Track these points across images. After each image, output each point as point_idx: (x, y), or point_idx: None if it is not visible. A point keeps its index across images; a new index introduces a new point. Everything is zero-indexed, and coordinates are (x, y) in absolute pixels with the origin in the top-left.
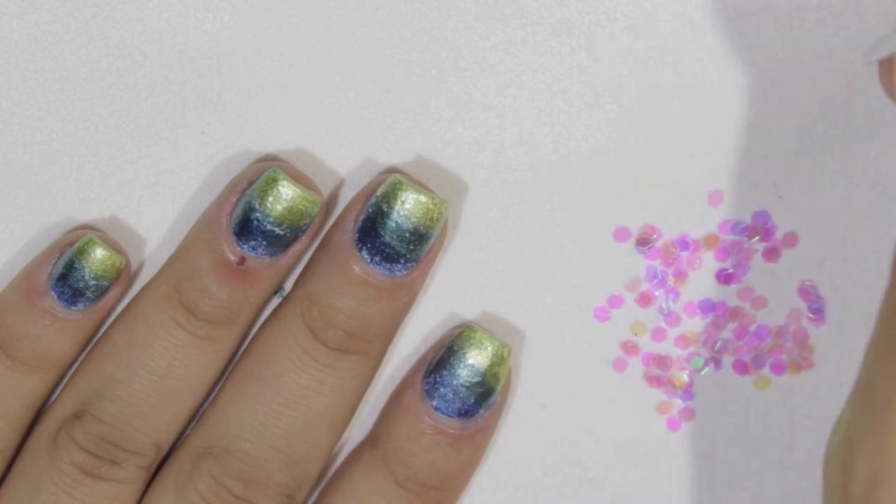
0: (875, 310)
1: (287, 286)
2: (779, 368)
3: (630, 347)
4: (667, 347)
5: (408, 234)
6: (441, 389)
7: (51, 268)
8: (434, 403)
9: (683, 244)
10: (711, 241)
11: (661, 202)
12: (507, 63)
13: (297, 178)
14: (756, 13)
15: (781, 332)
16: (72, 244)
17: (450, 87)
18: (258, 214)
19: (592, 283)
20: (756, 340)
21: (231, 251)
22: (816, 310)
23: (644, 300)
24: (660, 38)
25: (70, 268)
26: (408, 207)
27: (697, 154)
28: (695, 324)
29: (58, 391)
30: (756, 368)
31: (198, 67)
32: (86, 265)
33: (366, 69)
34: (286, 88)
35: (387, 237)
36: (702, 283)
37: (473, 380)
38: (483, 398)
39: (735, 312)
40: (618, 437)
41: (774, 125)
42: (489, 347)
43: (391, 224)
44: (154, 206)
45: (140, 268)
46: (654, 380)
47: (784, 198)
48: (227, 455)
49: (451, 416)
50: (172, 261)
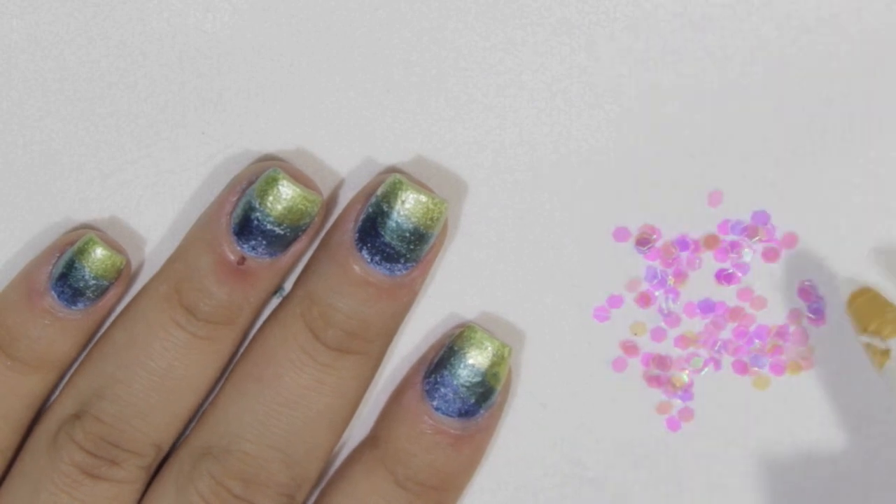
0: None
1: (287, 286)
2: (779, 368)
3: (630, 347)
4: (667, 347)
5: (408, 234)
6: (441, 389)
7: (51, 267)
8: (434, 403)
9: (683, 244)
10: (711, 241)
11: (661, 202)
12: (507, 63)
13: (297, 178)
14: (756, 13)
15: (781, 332)
16: (72, 244)
17: (450, 87)
18: (258, 214)
19: (592, 283)
20: (756, 340)
21: (231, 251)
22: (816, 310)
23: (644, 300)
24: (660, 38)
25: (70, 267)
26: (408, 207)
27: (697, 154)
28: (695, 324)
29: (58, 391)
30: (756, 368)
31: (198, 67)
32: (86, 265)
33: (366, 69)
34: (286, 88)
35: (387, 237)
36: (702, 283)
37: (474, 380)
38: (483, 398)
39: (735, 312)
40: (618, 437)
41: (774, 125)
42: (489, 347)
43: (391, 224)
44: (154, 206)
45: (140, 268)
46: (654, 380)
47: (784, 198)
48: (227, 455)
49: (452, 416)
50: (172, 261)
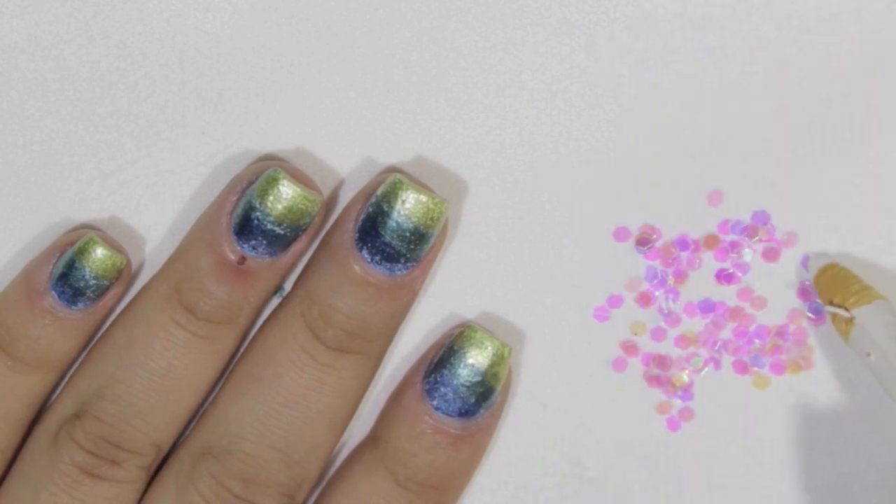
0: None
1: (287, 286)
2: (779, 368)
3: (630, 347)
4: (667, 347)
5: (408, 234)
6: (441, 389)
7: (51, 267)
8: (434, 403)
9: (683, 244)
10: (711, 241)
11: (661, 202)
12: (507, 63)
13: (298, 178)
14: (756, 13)
15: (781, 332)
16: (72, 244)
17: (450, 87)
18: (258, 214)
19: (592, 283)
20: (756, 340)
21: (231, 251)
22: (816, 310)
23: (644, 300)
24: (660, 38)
25: (71, 267)
26: (408, 207)
27: (697, 154)
28: (695, 324)
29: (58, 391)
30: (756, 368)
31: (198, 67)
32: (86, 264)
33: (366, 69)
34: (286, 88)
35: (387, 237)
36: (702, 283)
37: (474, 379)
38: (483, 398)
39: (735, 312)
40: (618, 437)
41: (774, 125)
42: (489, 347)
43: (392, 224)
44: (154, 206)
45: (140, 268)
46: (654, 380)
47: (784, 198)
48: (228, 455)
49: (452, 416)
50: (172, 260)
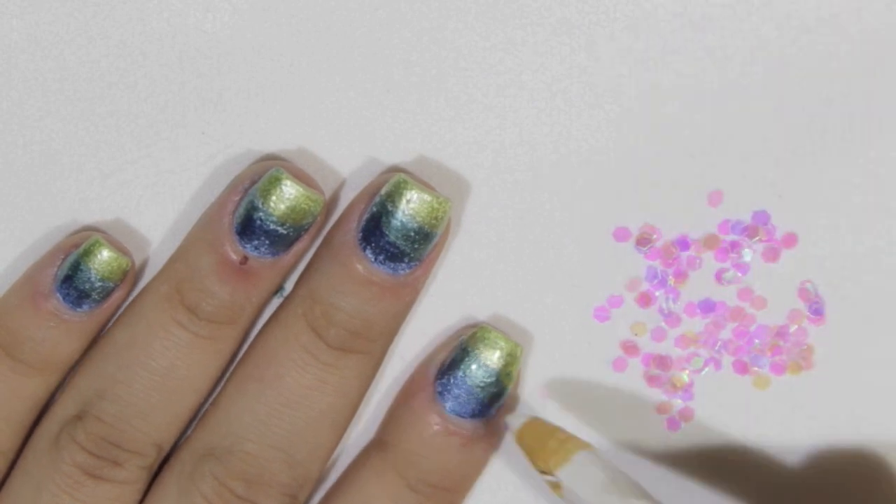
0: (875, 310)
1: (287, 286)
2: (779, 368)
3: (630, 347)
4: (667, 347)
5: (412, 233)
6: (454, 391)
7: (55, 269)
8: (448, 405)
9: (683, 244)
10: (711, 241)
11: (661, 202)
12: (507, 63)
13: (299, 177)
14: (756, 13)
15: (781, 332)
16: (77, 246)
17: (450, 87)
18: (261, 214)
19: (592, 283)
20: (756, 340)
21: (233, 251)
22: (816, 310)
23: (644, 300)
24: (660, 38)
25: (76, 269)
26: (413, 206)
27: (697, 154)
28: (695, 324)
29: (59, 392)
30: (756, 368)
31: (198, 67)
32: (92, 267)
33: (366, 69)
34: (286, 88)
35: (391, 236)
36: (702, 283)
37: (488, 380)
38: (496, 398)
39: (735, 312)
40: (618, 437)
41: (774, 125)
42: (503, 347)
43: (396, 223)
44: (154, 206)
45: (141, 268)
46: (654, 380)
47: (784, 198)
48: (230, 456)
49: (464, 417)
50: (173, 261)
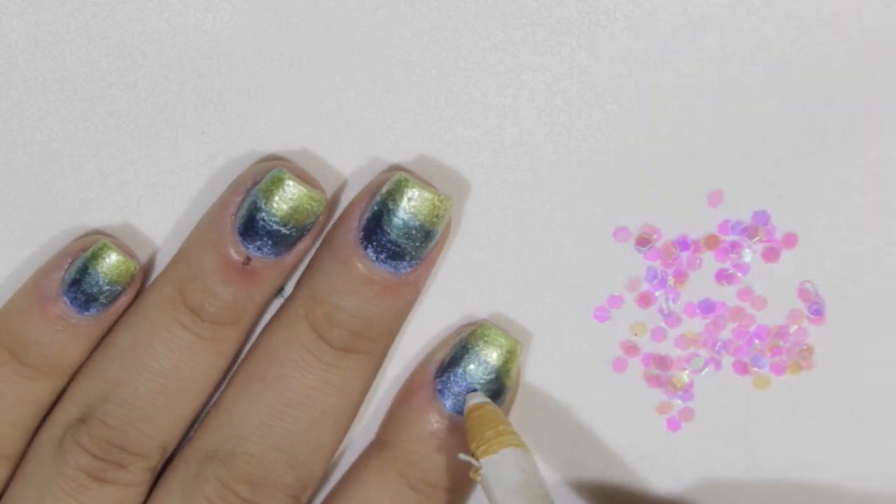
0: (875, 310)
1: (287, 287)
2: (779, 368)
3: (630, 347)
4: (667, 347)
5: (414, 231)
6: (454, 388)
7: (62, 273)
8: (448, 403)
9: (683, 244)
10: (711, 241)
11: (661, 202)
12: (507, 63)
13: (301, 177)
14: (756, 13)
15: (781, 332)
16: (84, 249)
17: (450, 87)
18: (264, 214)
19: (592, 283)
20: (756, 340)
21: (236, 251)
22: (816, 310)
23: (644, 300)
24: (660, 38)
25: (84, 273)
26: (414, 204)
27: (697, 154)
28: (695, 324)
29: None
30: (756, 368)
31: (198, 67)
32: (100, 270)
33: (366, 69)
34: (286, 88)
35: (393, 234)
36: (702, 283)
37: (488, 377)
38: (496, 395)
39: (735, 312)
40: (618, 437)
41: (774, 125)
42: (503, 344)
43: (397, 221)
44: (154, 207)
45: (142, 268)
46: (654, 380)
47: (784, 198)
48: (233, 458)
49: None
50: (175, 262)
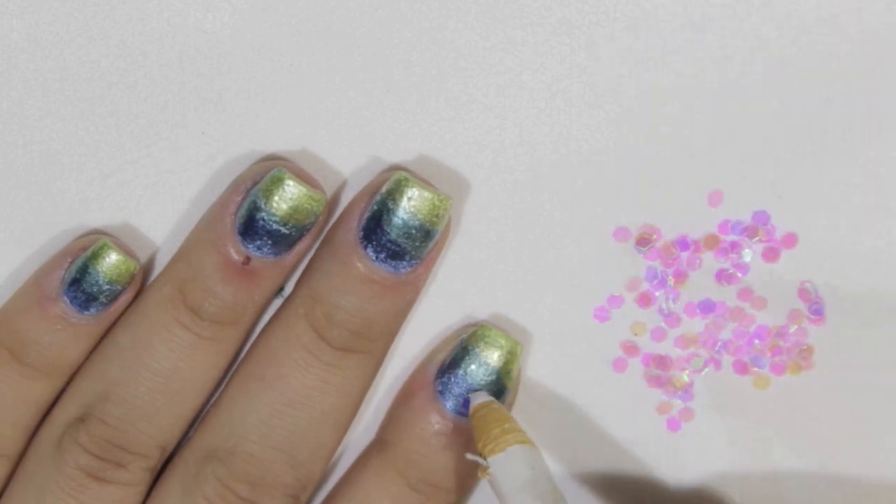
0: (875, 310)
1: (287, 287)
2: (779, 368)
3: (630, 347)
4: (667, 347)
5: (414, 231)
6: (455, 389)
7: (63, 273)
8: (448, 404)
9: (683, 244)
10: (711, 241)
11: (661, 202)
12: (507, 63)
13: (301, 177)
14: (756, 13)
15: (781, 332)
16: (84, 249)
17: (450, 87)
18: (263, 214)
19: (592, 283)
20: (756, 340)
21: (236, 251)
22: (816, 310)
23: (644, 300)
24: (660, 38)
25: (84, 272)
26: (414, 203)
27: (697, 154)
28: (695, 324)
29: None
30: (756, 368)
31: (198, 67)
32: (100, 270)
33: (366, 69)
34: (286, 88)
35: (392, 234)
36: (702, 283)
37: (488, 378)
38: (496, 397)
39: (735, 312)
40: (618, 437)
41: (774, 125)
42: (503, 345)
43: (397, 220)
44: (154, 207)
45: (142, 268)
46: (654, 380)
47: (784, 198)
48: (233, 457)
49: (465, 416)
50: (175, 261)
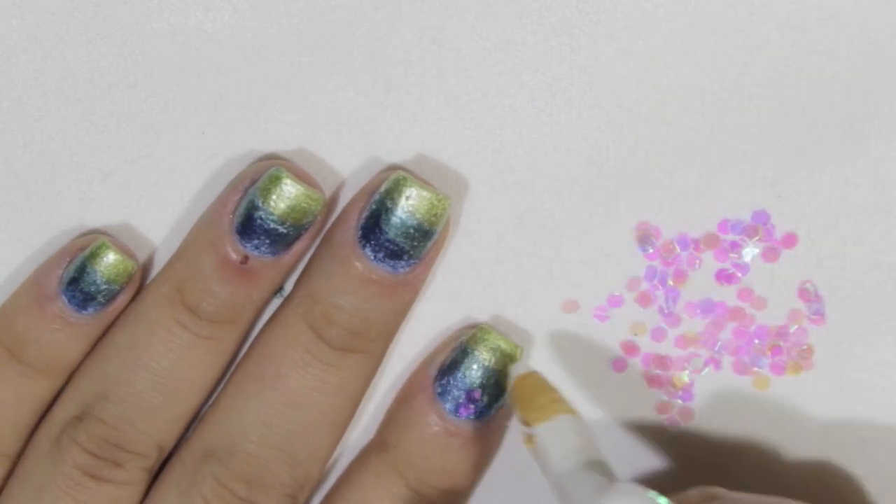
0: (875, 310)
1: (287, 286)
2: (779, 368)
3: (630, 347)
4: (667, 347)
5: (412, 230)
6: (454, 391)
7: (61, 272)
8: (447, 406)
9: (683, 243)
10: (711, 241)
11: (661, 202)
12: (507, 63)
13: (299, 176)
14: (756, 13)
15: (781, 332)
16: (83, 248)
17: (450, 87)
18: (261, 213)
19: (592, 283)
20: (756, 340)
21: (234, 250)
22: (816, 310)
23: (644, 300)
24: (660, 38)
25: (82, 272)
26: (412, 203)
27: (697, 154)
28: (695, 324)
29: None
30: (756, 368)
31: (198, 67)
32: (98, 269)
33: (366, 69)
34: (286, 88)
35: (391, 233)
36: (702, 283)
37: (488, 380)
38: (496, 399)
39: (735, 312)
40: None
41: (774, 125)
42: (503, 347)
43: (395, 220)
44: (154, 207)
45: (140, 268)
46: (654, 380)
47: (784, 198)
48: (231, 457)
49: (464, 418)
50: (174, 261)
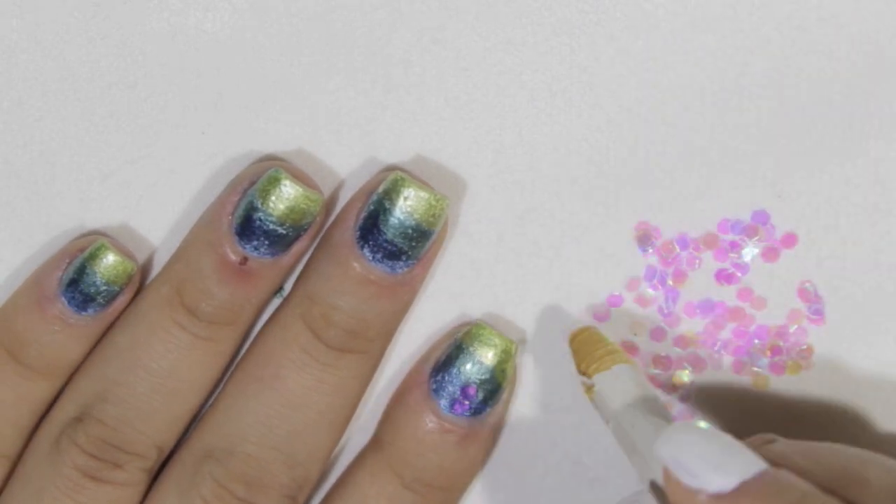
0: (875, 310)
1: (287, 286)
2: (778, 368)
3: (630, 347)
4: (667, 347)
5: (410, 231)
6: (449, 388)
7: (61, 273)
8: (442, 403)
9: (683, 243)
10: (711, 241)
11: (661, 202)
12: (507, 63)
13: (298, 177)
14: (756, 13)
15: (781, 332)
16: (82, 250)
17: (450, 87)
18: (260, 214)
19: (592, 283)
20: (756, 340)
21: (233, 251)
22: (816, 310)
23: (644, 300)
24: (660, 38)
25: (81, 273)
26: (410, 203)
27: (697, 154)
28: (695, 324)
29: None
30: (756, 368)
31: (198, 67)
32: (97, 270)
33: (366, 69)
34: (286, 88)
35: (389, 234)
36: (702, 283)
37: (482, 377)
38: (491, 395)
39: (735, 312)
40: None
41: (774, 125)
42: (498, 344)
43: (393, 220)
44: (154, 207)
45: (140, 268)
46: (654, 380)
47: (784, 198)
48: (230, 457)
49: (459, 414)
50: (173, 262)
